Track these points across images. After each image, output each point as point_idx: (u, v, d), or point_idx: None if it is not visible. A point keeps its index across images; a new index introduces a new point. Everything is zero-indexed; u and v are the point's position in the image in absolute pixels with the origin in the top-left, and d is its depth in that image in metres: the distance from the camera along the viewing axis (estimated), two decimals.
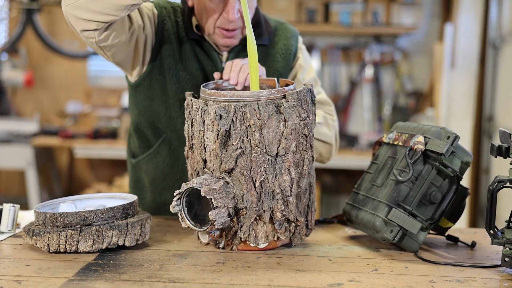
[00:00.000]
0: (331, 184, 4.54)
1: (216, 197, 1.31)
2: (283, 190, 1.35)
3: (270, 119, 1.32)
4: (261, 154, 1.33)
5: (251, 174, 1.33)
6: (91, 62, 4.82)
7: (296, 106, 1.34)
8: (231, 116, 1.31)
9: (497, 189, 1.26)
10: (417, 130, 1.46)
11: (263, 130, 1.32)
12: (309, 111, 1.38)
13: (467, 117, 4.04)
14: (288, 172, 1.35)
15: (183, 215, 1.35)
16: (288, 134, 1.33)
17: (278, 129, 1.33)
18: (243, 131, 1.32)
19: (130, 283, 1.15)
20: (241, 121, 1.32)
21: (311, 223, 1.43)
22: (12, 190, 4.84)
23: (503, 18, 3.94)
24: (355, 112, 4.62)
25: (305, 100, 1.36)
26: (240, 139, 1.32)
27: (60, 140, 4.28)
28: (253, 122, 1.31)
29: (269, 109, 1.32)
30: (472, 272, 1.26)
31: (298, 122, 1.35)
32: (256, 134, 1.32)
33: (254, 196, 1.33)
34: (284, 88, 1.37)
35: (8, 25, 4.74)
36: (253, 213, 1.34)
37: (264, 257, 1.34)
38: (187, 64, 1.65)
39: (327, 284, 1.16)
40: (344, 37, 4.60)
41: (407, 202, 1.39)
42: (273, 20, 1.76)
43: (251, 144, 1.32)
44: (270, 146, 1.33)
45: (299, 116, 1.35)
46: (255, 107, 1.32)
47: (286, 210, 1.35)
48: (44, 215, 1.34)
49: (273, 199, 1.35)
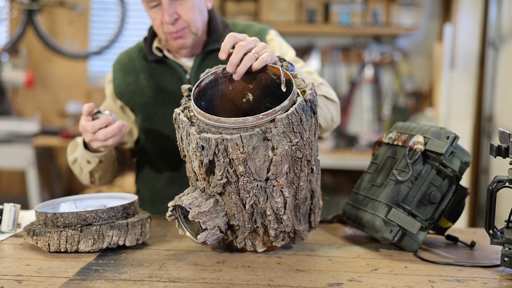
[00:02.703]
0: (331, 184, 4.54)
1: (205, 220, 1.27)
2: (275, 211, 1.28)
3: (255, 150, 1.20)
4: (249, 182, 1.23)
5: (240, 197, 1.26)
6: (92, 62, 4.83)
7: (286, 132, 1.20)
8: (213, 148, 1.20)
9: (496, 189, 1.26)
10: (416, 130, 1.46)
11: (248, 162, 1.21)
12: (304, 131, 1.22)
13: (466, 117, 4.04)
14: (281, 194, 1.26)
15: (180, 222, 1.35)
16: (278, 161, 1.21)
17: (266, 157, 1.21)
18: (227, 163, 1.21)
19: (130, 282, 1.15)
20: (223, 154, 1.20)
21: (315, 222, 1.41)
22: (12, 190, 4.85)
23: (503, 18, 3.94)
24: (355, 112, 4.62)
25: (298, 121, 1.21)
26: (224, 170, 1.22)
27: (60, 140, 4.28)
28: (235, 156, 1.19)
29: (254, 142, 1.19)
30: (472, 272, 1.27)
31: (289, 148, 1.22)
32: (240, 168, 1.21)
33: (245, 216, 1.29)
34: (275, 109, 1.21)
35: (9, 25, 4.75)
36: (246, 230, 1.32)
37: (264, 257, 1.34)
38: (145, 90, 1.74)
39: (327, 284, 1.16)
40: (344, 37, 4.60)
41: (406, 202, 1.39)
42: (242, 25, 1.79)
43: (236, 174, 1.23)
44: (258, 173, 1.22)
45: (290, 141, 1.21)
46: (237, 141, 1.18)
47: (280, 227, 1.31)
48: (45, 215, 1.34)
49: (265, 218, 1.29)
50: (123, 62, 1.79)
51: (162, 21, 1.63)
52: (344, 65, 4.62)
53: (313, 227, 1.41)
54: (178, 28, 1.64)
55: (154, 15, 1.65)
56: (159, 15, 1.63)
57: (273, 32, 1.80)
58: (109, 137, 1.52)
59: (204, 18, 1.70)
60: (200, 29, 1.68)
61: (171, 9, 1.60)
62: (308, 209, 1.38)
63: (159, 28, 1.66)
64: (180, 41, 1.67)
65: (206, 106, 1.37)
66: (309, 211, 1.38)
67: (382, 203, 1.40)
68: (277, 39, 1.77)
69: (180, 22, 1.64)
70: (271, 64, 1.33)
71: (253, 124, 1.21)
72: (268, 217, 1.28)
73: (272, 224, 1.29)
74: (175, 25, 1.63)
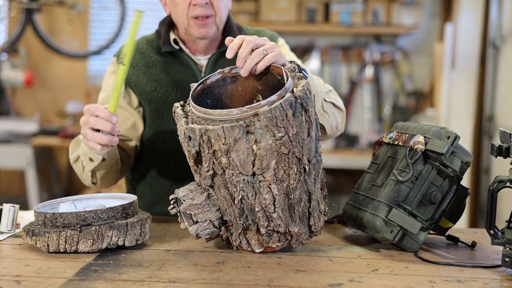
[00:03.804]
0: (331, 184, 4.54)
1: (196, 213, 1.29)
2: (264, 208, 1.27)
3: (237, 142, 1.21)
4: (235, 176, 1.24)
5: (229, 191, 1.27)
6: (91, 62, 4.82)
7: (269, 126, 1.20)
8: (198, 139, 1.23)
9: (497, 189, 1.26)
10: (417, 130, 1.46)
11: (231, 154, 1.22)
12: (290, 127, 1.21)
13: (467, 117, 4.04)
14: (269, 190, 1.26)
15: (181, 216, 1.35)
16: (262, 155, 1.21)
17: (250, 151, 1.21)
18: (211, 154, 1.24)
19: (130, 283, 1.14)
20: (207, 145, 1.23)
21: (315, 226, 1.37)
22: (11, 190, 4.84)
23: (503, 18, 3.94)
24: (355, 112, 4.62)
25: (283, 115, 1.20)
26: (210, 161, 1.25)
27: (60, 140, 4.28)
28: (218, 147, 1.22)
29: (235, 133, 1.20)
30: (472, 272, 1.26)
31: (273, 142, 1.21)
32: (223, 159, 1.23)
33: (235, 211, 1.29)
34: (260, 103, 1.21)
35: (8, 25, 4.74)
36: (239, 226, 1.32)
37: (264, 257, 1.34)
38: (158, 84, 1.71)
39: (327, 284, 1.16)
40: (344, 37, 4.60)
41: (407, 202, 1.39)
42: (252, 29, 1.82)
43: (221, 166, 1.25)
44: (243, 167, 1.23)
45: (273, 136, 1.21)
46: (219, 132, 1.20)
47: (271, 225, 1.30)
48: (44, 215, 1.34)
49: (255, 215, 1.29)
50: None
51: (190, 2, 1.62)
52: (345, 65, 4.62)
53: (314, 231, 1.38)
54: (206, 13, 1.64)
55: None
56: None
57: (282, 40, 1.83)
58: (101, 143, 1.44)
59: (227, 14, 1.71)
60: (223, 22, 1.70)
61: None
62: (305, 211, 1.35)
63: (184, 12, 1.65)
64: (203, 30, 1.66)
65: (214, 105, 1.38)
66: (308, 214, 1.36)
67: (382, 203, 1.39)
68: (286, 47, 1.81)
69: (210, 8, 1.64)
70: (275, 64, 1.34)
71: (237, 116, 1.22)
72: (257, 213, 1.28)
73: (262, 221, 1.29)
74: (205, 9, 1.63)
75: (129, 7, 4.52)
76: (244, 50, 1.33)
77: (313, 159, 1.32)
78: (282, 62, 1.37)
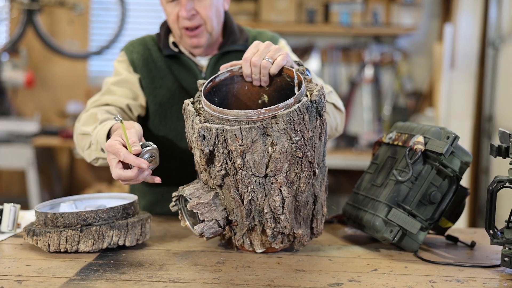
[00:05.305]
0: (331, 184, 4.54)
1: (203, 211, 1.29)
2: (273, 209, 1.28)
3: (254, 144, 1.21)
4: (247, 177, 1.24)
5: (238, 192, 1.27)
6: (92, 62, 4.82)
7: (287, 129, 1.20)
8: (213, 138, 1.23)
9: (496, 189, 1.26)
10: (416, 130, 1.46)
11: (246, 155, 1.22)
12: (306, 131, 1.22)
13: (466, 117, 4.04)
14: (279, 192, 1.26)
15: (183, 214, 1.36)
16: (277, 157, 1.22)
17: (265, 153, 1.22)
18: (226, 155, 1.24)
19: (130, 283, 1.15)
20: (223, 145, 1.22)
21: (317, 229, 1.38)
22: (12, 190, 4.85)
23: (503, 18, 3.94)
24: (355, 112, 4.62)
25: (301, 119, 1.21)
26: (223, 161, 1.24)
27: (60, 140, 4.28)
28: (234, 148, 1.21)
29: (253, 135, 1.20)
30: (472, 272, 1.27)
31: (289, 145, 1.22)
32: (238, 160, 1.22)
33: (243, 211, 1.29)
34: (278, 106, 1.22)
35: (9, 25, 4.75)
36: (244, 226, 1.32)
37: (264, 257, 1.34)
38: (163, 81, 1.71)
39: (327, 284, 1.16)
40: (344, 37, 4.60)
41: (407, 202, 1.39)
42: (253, 31, 1.81)
43: (235, 167, 1.24)
44: (257, 168, 1.24)
45: (290, 139, 1.22)
46: (236, 133, 1.20)
47: (278, 227, 1.30)
48: (45, 215, 1.34)
49: (263, 216, 1.29)
50: (138, 48, 1.75)
51: (178, 15, 1.63)
52: (344, 65, 4.62)
53: (315, 233, 1.39)
54: (194, 24, 1.64)
55: (170, 9, 1.64)
56: (176, 9, 1.63)
57: (283, 41, 1.83)
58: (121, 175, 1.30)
59: (220, 18, 1.70)
60: (216, 29, 1.69)
61: (189, 4, 1.61)
62: (310, 214, 1.36)
63: (174, 23, 1.66)
64: (194, 40, 1.67)
65: (220, 103, 1.39)
66: (311, 216, 1.37)
67: (382, 203, 1.40)
68: (287, 48, 1.80)
69: (197, 19, 1.64)
70: (286, 66, 1.35)
71: (255, 118, 1.22)
72: (266, 215, 1.28)
73: (270, 223, 1.29)
74: (192, 21, 1.63)
75: (129, 8, 4.52)
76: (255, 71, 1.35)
77: (321, 163, 1.33)
78: (291, 63, 1.38)
